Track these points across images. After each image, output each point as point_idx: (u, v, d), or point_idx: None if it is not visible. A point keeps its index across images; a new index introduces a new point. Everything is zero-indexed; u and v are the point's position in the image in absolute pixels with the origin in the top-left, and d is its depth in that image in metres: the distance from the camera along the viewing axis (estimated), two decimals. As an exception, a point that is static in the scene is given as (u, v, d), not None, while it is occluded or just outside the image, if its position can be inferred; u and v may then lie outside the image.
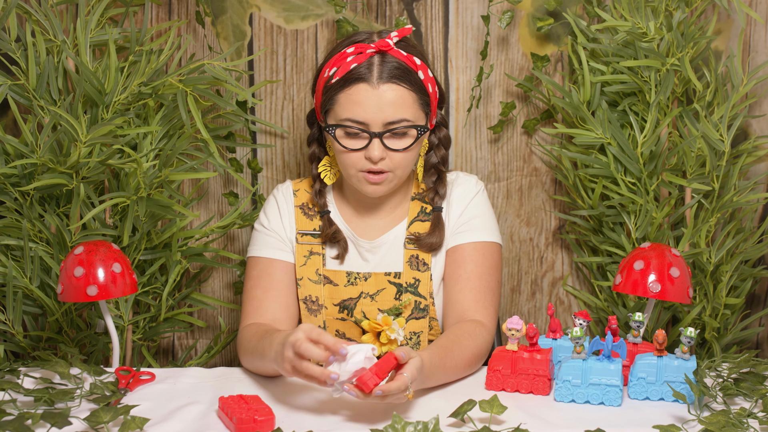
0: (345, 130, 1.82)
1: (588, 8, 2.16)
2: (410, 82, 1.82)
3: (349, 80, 1.80)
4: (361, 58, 1.81)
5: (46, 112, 2.02)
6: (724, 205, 2.12)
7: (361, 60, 1.81)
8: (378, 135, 1.80)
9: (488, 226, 1.94)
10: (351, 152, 1.82)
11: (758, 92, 2.19)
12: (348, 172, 1.86)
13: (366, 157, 1.82)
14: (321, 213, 1.94)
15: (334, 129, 1.83)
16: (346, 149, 1.83)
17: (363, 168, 1.83)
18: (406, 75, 1.82)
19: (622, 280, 1.84)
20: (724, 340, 2.21)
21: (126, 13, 2.13)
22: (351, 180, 1.87)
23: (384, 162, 1.82)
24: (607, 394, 1.66)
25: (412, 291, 1.91)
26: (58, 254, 2.03)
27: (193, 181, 2.28)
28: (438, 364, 1.69)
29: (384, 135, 1.81)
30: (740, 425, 1.52)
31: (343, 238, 1.93)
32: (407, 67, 1.82)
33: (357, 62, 1.81)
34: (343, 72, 1.81)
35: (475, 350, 1.80)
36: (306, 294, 1.93)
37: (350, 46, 1.84)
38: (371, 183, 1.85)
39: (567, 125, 2.22)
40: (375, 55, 1.82)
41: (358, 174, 1.84)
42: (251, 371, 1.82)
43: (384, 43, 1.82)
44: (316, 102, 1.91)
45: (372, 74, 1.80)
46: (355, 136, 1.82)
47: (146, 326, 2.22)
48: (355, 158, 1.83)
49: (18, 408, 1.57)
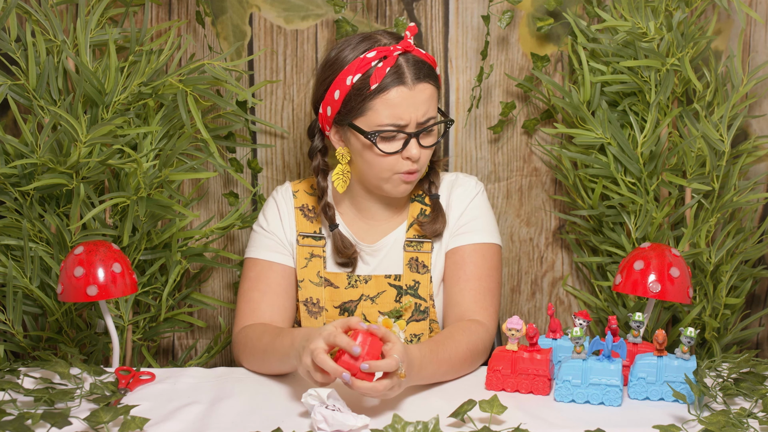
0: (385, 135, 1.81)
1: (588, 8, 2.16)
2: (435, 78, 1.85)
3: (384, 87, 1.79)
4: (389, 61, 1.80)
5: (46, 112, 2.02)
6: (724, 205, 2.12)
7: (391, 63, 1.80)
8: (415, 135, 1.82)
9: (488, 228, 1.94)
10: (388, 156, 1.82)
11: (758, 92, 2.20)
12: (381, 176, 1.85)
13: (405, 157, 1.82)
14: (331, 227, 1.93)
15: (375, 136, 1.81)
16: (384, 153, 1.82)
17: (400, 170, 1.84)
18: (432, 72, 1.84)
19: (622, 280, 1.84)
20: (724, 340, 2.21)
21: (126, 13, 2.13)
22: (380, 183, 1.86)
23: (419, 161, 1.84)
24: (607, 394, 1.66)
25: (412, 293, 1.91)
26: (58, 254, 2.03)
27: (193, 181, 2.28)
28: (429, 356, 1.69)
29: (420, 134, 1.82)
30: (740, 425, 1.52)
31: (354, 251, 1.93)
32: (430, 64, 1.85)
33: (388, 66, 1.80)
34: (380, 77, 1.79)
35: (470, 345, 1.79)
36: (307, 296, 1.93)
37: (369, 51, 1.82)
38: (406, 183, 1.86)
39: (567, 125, 2.22)
40: (400, 56, 1.82)
41: (394, 177, 1.84)
42: (255, 371, 1.82)
43: (407, 43, 1.83)
44: (326, 110, 1.87)
45: (406, 76, 1.80)
46: (392, 139, 1.82)
47: (146, 326, 2.22)
48: (393, 161, 1.83)
49: (18, 408, 1.57)
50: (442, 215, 1.93)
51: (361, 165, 1.86)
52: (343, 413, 1.52)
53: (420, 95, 1.80)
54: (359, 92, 1.80)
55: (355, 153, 1.87)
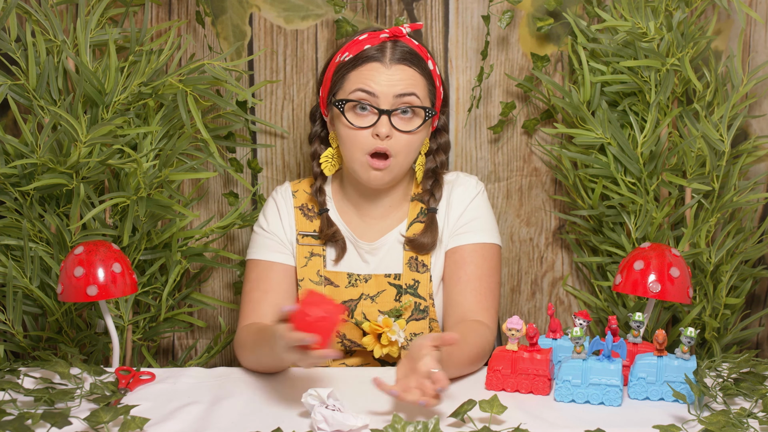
0: (353, 104, 1.83)
1: (588, 8, 2.16)
2: (420, 67, 1.85)
3: (361, 59, 1.83)
4: (374, 41, 1.84)
5: (46, 112, 2.02)
6: (724, 205, 2.12)
7: (374, 43, 1.84)
8: (387, 112, 1.82)
9: (488, 228, 1.94)
10: (358, 130, 1.82)
11: (758, 92, 2.19)
12: (353, 156, 1.85)
13: (374, 134, 1.82)
14: (320, 211, 1.94)
15: (343, 104, 1.83)
16: (353, 126, 1.83)
17: (369, 149, 1.83)
18: (417, 60, 1.85)
19: (622, 280, 1.84)
20: (724, 340, 2.21)
21: (126, 13, 2.13)
22: (354, 166, 1.86)
23: (390, 142, 1.82)
24: (607, 394, 1.66)
25: (411, 292, 1.91)
26: (58, 254, 2.03)
27: (193, 181, 2.28)
28: (446, 358, 1.69)
29: (393, 113, 1.82)
30: (740, 425, 1.52)
31: (342, 238, 1.93)
32: (418, 53, 1.86)
33: (370, 44, 1.84)
34: (356, 52, 1.83)
35: (479, 347, 1.80)
36: (306, 295, 1.93)
37: (363, 34, 1.88)
38: (374, 169, 1.84)
39: (567, 125, 2.22)
40: (388, 41, 1.85)
41: (363, 158, 1.84)
42: (252, 369, 1.82)
43: (397, 29, 1.86)
44: (323, 91, 1.92)
45: (385, 55, 1.83)
46: (363, 112, 1.83)
47: (146, 326, 2.22)
48: (363, 137, 1.83)
49: (18, 408, 1.57)
50: (434, 230, 1.92)
51: (341, 147, 1.88)
52: (343, 413, 1.52)
53: (396, 74, 1.82)
54: (341, 67, 1.85)
55: (337, 134, 1.89)
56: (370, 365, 1.94)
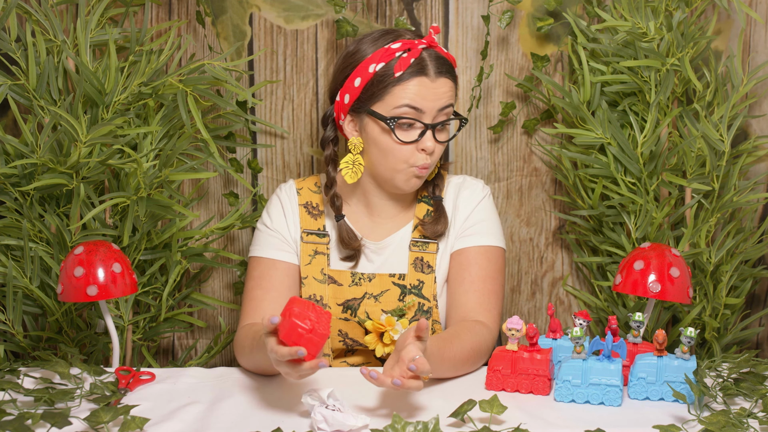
0: (402, 121, 1.82)
1: (588, 8, 2.16)
2: (455, 77, 1.88)
3: (408, 74, 1.82)
4: (414, 53, 1.83)
5: (46, 112, 2.02)
6: (724, 205, 2.12)
7: (415, 55, 1.83)
8: (432, 127, 1.83)
9: (494, 231, 1.95)
10: (404, 144, 1.83)
11: (758, 92, 2.19)
12: (395, 167, 1.86)
13: (420, 149, 1.84)
14: (337, 218, 1.94)
15: (394, 122, 1.82)
16: (401, 141, 1.83)
17: (416, 163, 1.85)
18: (452, 70, 1.87)
19: (622, 280, 1.84)
20: (724, 340, 2.21)
21: (126, 13, 2.13)
22: (393, 175, 1.87)
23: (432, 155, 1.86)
24: (607, 394, 1.66)
25: (416, 293, 1.91)
26: (58, 254, 2.03)
27: (193, 181, 2.28)
28: (436, 353, 1.69)
29: (436, 127, 1.84)
30: (740, 425, 1.52)
31: (359, 243, 1.93)
32: (450, 63, 1.87)
33: (413, 57, 1.82)
34: (404, 66, 1.81)
35: (474, 345, 1.80)
36: (310, 293, 1.93)
37: (394, 42, 1.85)
38: (418, 177, 1.87)
39: (567, 125, 2.22)
40: (424, 51, 1.84)
41: (408, 169, 1.85)
42: (251, 370, 1.82)
43: (431, 39, 1.86)
44: (347, 98, 1.88)
45: (429, 68, 1.83)
46: (409, 128, 1.83)
47: (146, 326, 2.22)
48: (407, 151, 1.84)
49: (18, 408, 1.57)
50: (444, 217, 1.94)
51: (375, 155, 1.87)
52: (343, 413, 1.52)
53: (441, 88, 1.83)
54: (381, 79, 1.83)
55: (370, 142, 1.87)
56: (372, 365, 1.95)
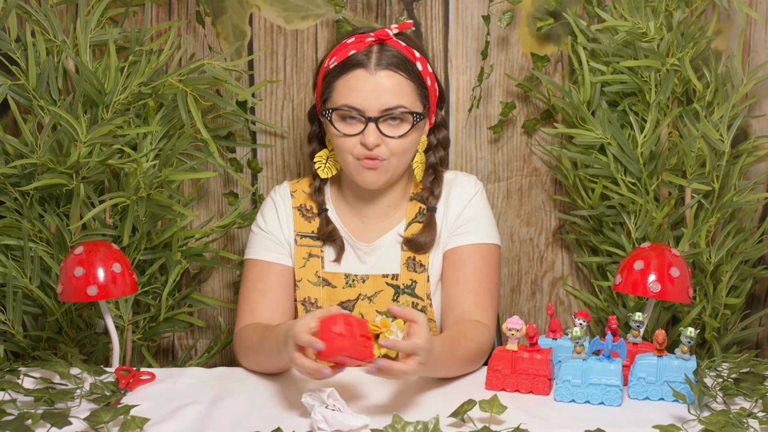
0: (341, 114, 1.83)
1: (588, 8, 2.16)
2: (408, 71, 1.83)
3: (346, 66, 1.82)
4: (360, 46, 1.83)
5: (46, 112, 2.02)
6: (724, 205, 2.12)
7: (360, 48, 1.82)
8: (374, 120, 1.81)
9: (487, 228, 1.93)
10: (347, 137, 1.83)
11: (758, 92, 2.19)
12: (345, 159, 1.85)
13: (361, 143, 1.82)
14: (319, 211, 1.94)
15: (330, 113, 1.84)
16: (341, 134, 1.83)
17: (359, 154, 1.83)
18: (404, 64, 1.83)
19: (622, 280, 1.84)
20: (724, 340, 2.21)
21: (126, 13, 2.13)
22: (348, 169, 1.86)
23: (380, 149, 1.82)
24: (607, 394, 1.66)
25: (409, 293, 1.91)
26: (58, 254, 2.03)
27: (193, 181, 2.28)
28: (447, 351, 1.69)
29: (380, 120, 1.81)
30: (740, 425, 1.52)
31: (340, 237, 1.93)
32: (405, 56, 1.83)
33: (356, 49, 1.82)
34: (342, 58, 1.82)
35: (479, 345, 1.80)
36: (304, 296, 1.93)
37: (351, 37, 1.86)
38: (367, 168, 1.83)
39: (567, 125, 2.22)
40: (374, 44, 1.83)
41: (355, 162, 1.84)
42: (252, 370, 1.82)
43: (383, 32, 1.84)
44: (316, 95, 1.92)
45: (370, 61, 1.81)
46: (352, 121, 1.83)
47: (146, 326, 2.22)
48: (351, 144, 1.83)
49: (18, 408, 1.57)
50: (432, 229, 1.91)
51: (335, 151, 1.88)
52: (343, 413, 1.52)
53: (382, 82, 1.81)
54: (328, 74, 1.85)
55: (330, 139, 1.89)
56: (368, 365, 1.94)
